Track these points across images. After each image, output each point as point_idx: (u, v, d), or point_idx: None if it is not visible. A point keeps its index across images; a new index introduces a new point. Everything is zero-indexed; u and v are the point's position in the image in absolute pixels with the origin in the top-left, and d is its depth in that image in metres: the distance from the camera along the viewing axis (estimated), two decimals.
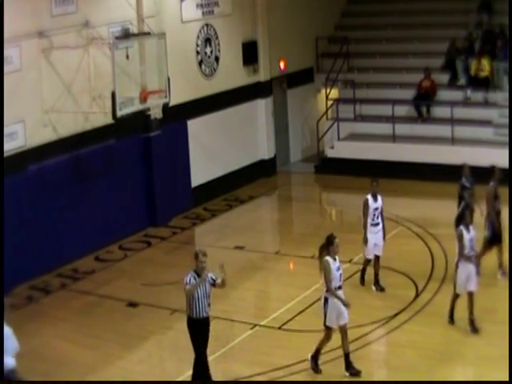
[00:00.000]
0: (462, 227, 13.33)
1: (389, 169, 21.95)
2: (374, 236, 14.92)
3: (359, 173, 22.14)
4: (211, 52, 21.52)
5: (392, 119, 22.64)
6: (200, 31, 21.12)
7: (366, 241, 14.95)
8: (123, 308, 15.27)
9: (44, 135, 16.91)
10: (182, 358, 13.08)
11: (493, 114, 22.05)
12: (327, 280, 11.97)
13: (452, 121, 21.85)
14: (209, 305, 11.54)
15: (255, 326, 14.06)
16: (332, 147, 23.53)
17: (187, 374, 12.43)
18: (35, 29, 16.52)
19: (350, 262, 16.48)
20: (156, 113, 18.92)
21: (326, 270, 11.99)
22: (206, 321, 11.61)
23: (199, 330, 11.56)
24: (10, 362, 10.39)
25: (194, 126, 20.82)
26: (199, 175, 21.00)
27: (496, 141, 21.23)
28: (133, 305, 15.35)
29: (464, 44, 23.22)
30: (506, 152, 19.85)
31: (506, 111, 21.27)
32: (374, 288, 15.10)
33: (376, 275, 15.15)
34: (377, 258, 15.08)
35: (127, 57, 17.36)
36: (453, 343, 12.97)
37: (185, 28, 20.58)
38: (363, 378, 11.98)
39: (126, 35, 17.95)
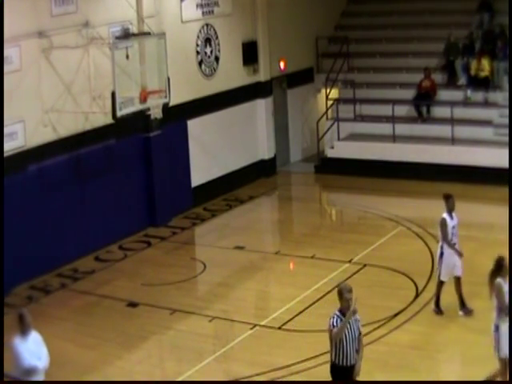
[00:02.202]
0: None
1: (389, 169, 21.97)
2: (453, 257, 13.73)
3: (359, 173, 22.27)
4: (211, 52, 21.51)
5: (392, 119, 22.61)
6: (200, 31, 21.11)
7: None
8: (123, 308, 15.26)
9: (44, 135, 16.90)
10: (181, 358, 13.10)
11: (493, 114, 22.03)
12: (501, 305, 10.74)
13: (452, 121, 21.83)
14: (357, 351, 9.98)
15: (255, 326, 14.05)
16: (332, 147, 23.51)
17: (187, 374, 12.45)
18: (35, 29, 16.51)
19: (349, 261, 16.50)
20: (156, 113, 18.92)
21: (500, 293, 10.76)
22: (352, 369, 10.00)
23: (344, 380, 10.01)
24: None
25: (194, 125, 20.81)
26: (199, 175, 20.99)
27: (496, 141, 21.21)
28: (132, 305, 15.34)
29: (463, 43, 23.21)
30: (506, 152, 19.83)
31: (506, 111, 21.24)
32: (461, 313, 13.70)
33: (461, 297, 13.79)
34: (458, 279, 13.75)
35: (127, 57, 17.33)
36: (453, 343, 12.96)
37: (185, 28, 20.57)
38: (363, 378, 11.96)
39: (125, 35, 17.93)
